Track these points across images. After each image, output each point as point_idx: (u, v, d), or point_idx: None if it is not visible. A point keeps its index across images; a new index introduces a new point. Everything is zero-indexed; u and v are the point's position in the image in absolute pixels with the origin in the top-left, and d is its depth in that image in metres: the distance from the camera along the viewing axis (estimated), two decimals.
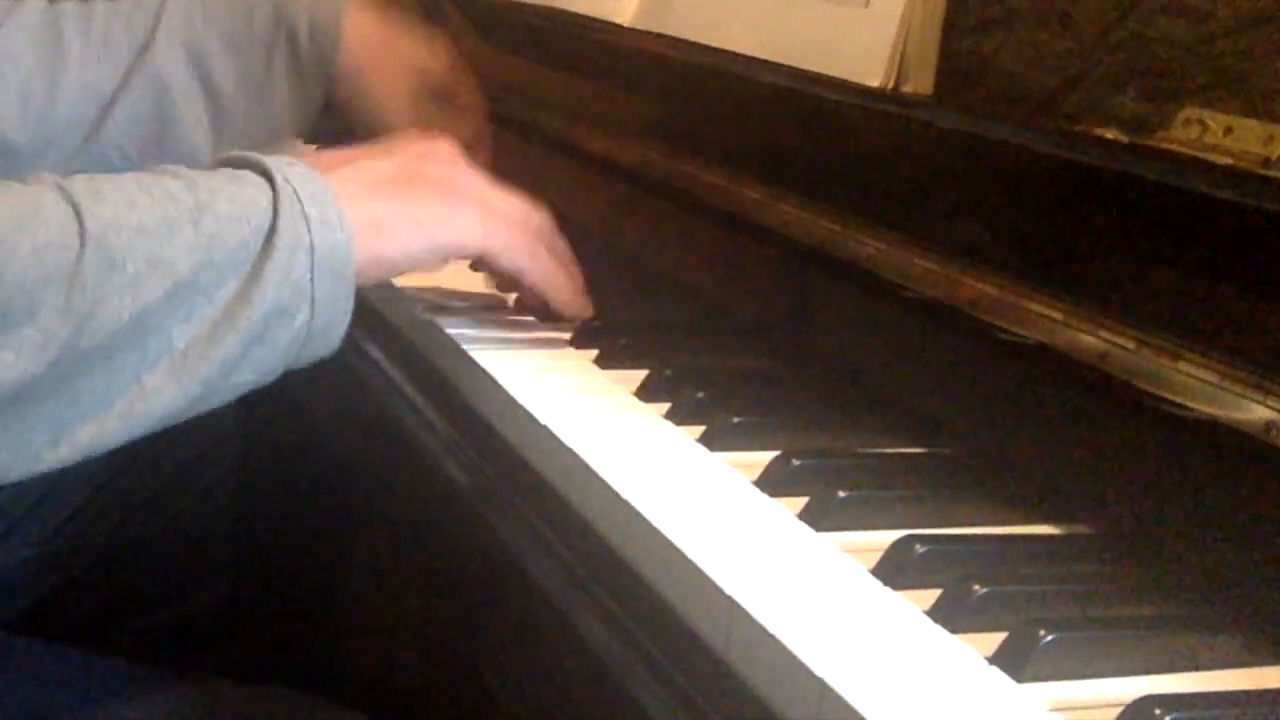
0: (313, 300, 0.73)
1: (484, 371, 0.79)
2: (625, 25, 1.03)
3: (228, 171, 0.75)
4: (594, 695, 0.62)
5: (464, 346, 0.83)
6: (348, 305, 0.74)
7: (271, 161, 0.75)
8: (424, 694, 1.18)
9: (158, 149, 1.09)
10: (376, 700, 1.11)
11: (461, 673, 1.07)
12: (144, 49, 1.07)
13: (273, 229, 0.71)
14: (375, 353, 0.92)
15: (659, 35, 0.99)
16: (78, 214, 0.68)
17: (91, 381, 0.69)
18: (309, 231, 0.72)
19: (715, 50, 0.92)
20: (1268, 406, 0.58)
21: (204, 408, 0.73)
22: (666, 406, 0.76)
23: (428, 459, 0.81)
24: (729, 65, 0.91)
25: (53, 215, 0.68)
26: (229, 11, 1.09)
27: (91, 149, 1.08)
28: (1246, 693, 0.54)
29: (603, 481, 0.66)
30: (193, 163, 1.11)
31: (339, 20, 1.08)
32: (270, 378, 0.74)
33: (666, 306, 0.95)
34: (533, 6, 1.17)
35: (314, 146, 1.41)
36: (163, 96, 1.07)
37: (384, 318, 0.96)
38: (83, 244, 0.67)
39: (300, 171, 0.75)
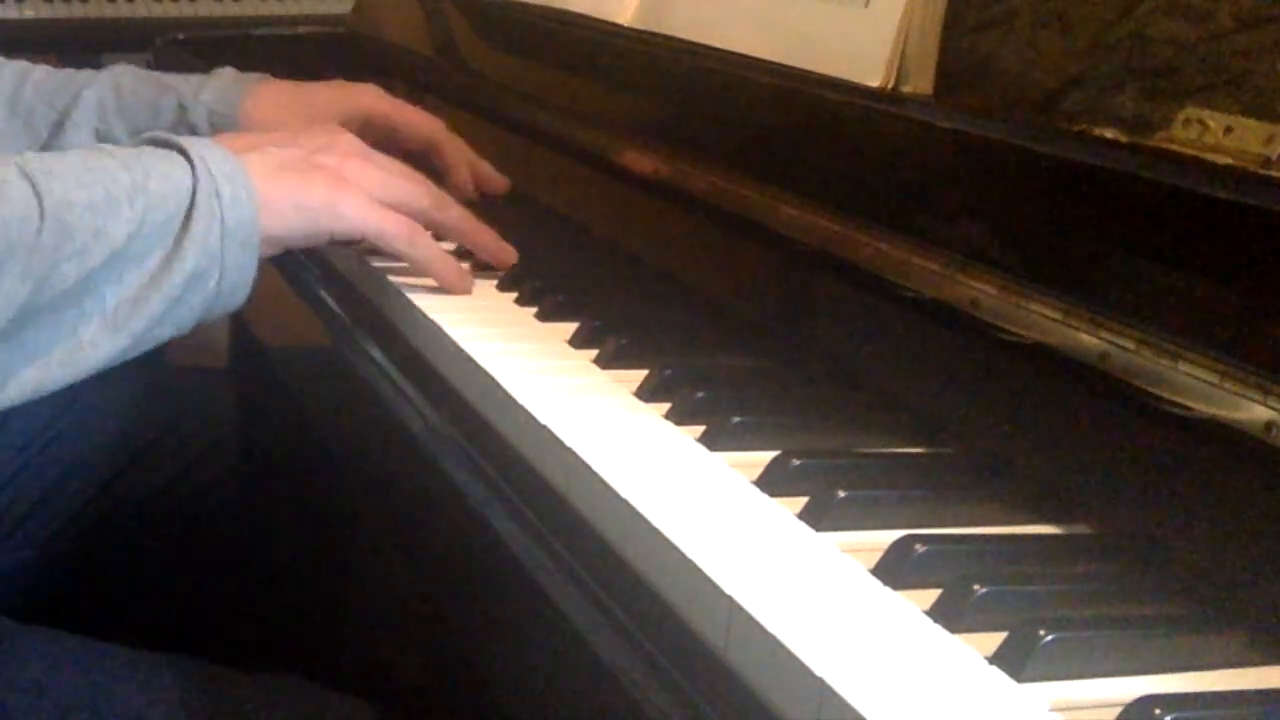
0: (222, 266, 0.84)
1: (484, 371, 0.79)
2: (625, 25, 1.03)
3: (157, 151, 0.86)
4: (593, 695, 0.62)
5: (464, 347, 0.83)
6: (252, 270, 0.86)
7: (191, 144, 0.86)
8: (424, 693, 1.18)
9: None
10: (377, 700, 1.11)
11: (461, 672, 1.07)
12: (58, 127, 1.14)
13: (191, 205, 0.83)
14: (375, 353, 0.92)
15: (659, 35, 0.99)
16: (36, 192, 0.78)
17: (37, 334, 0.79)
18: (220, 208, 0.84)
19: (715, 50, 0.92)
20: (1268, 406, 0.58)
21: (131, 356, 0.84)
22: (666, 406, 0.76)
23: (427, 459, 0.81)
24: (729, 65, 0.91)
25: (15, 193, 0.78)
26: (139, 104, 1.15)
27: None
28: (1246, 693, 0.54)
29: (603, 481, 0.66)
30: None
31: (237, 109, 1.14)
32: (184, 331, 0.85)
33: (666, 306, 0.95)
34: (533, 6, 1.17)
35: None
36: None
37: (384, 317, 0.96)
38: (42, 218, 0.78)
39: (215, 153, 0.86)
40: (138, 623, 1.20)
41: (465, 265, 0.98)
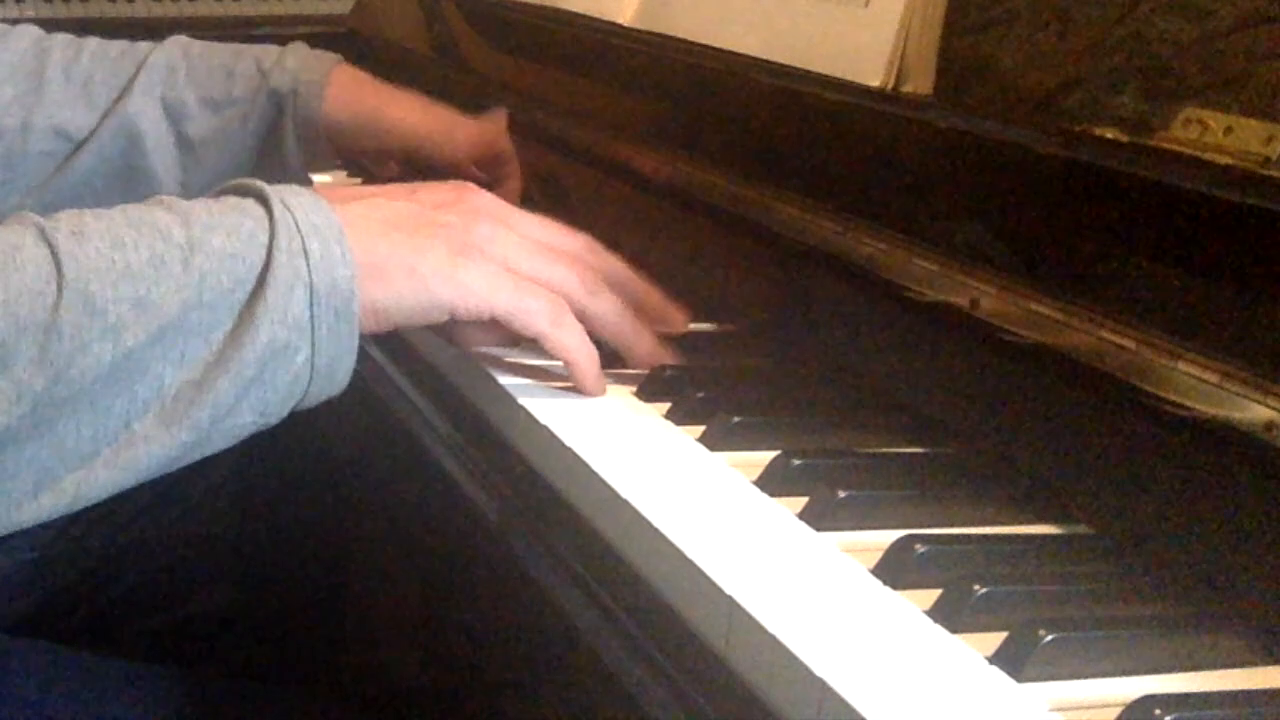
0: (314, 338, 0.69)
1: (484, 372, 0.79)
2: (625, 25, 1.03)
3: (228, 201, 0.71)
4: (594, 695, 0.62)
5: None
6: (352, 343, 0.70)
7: (274, 191, 0.71)
8: (424, 694, 1.18)
9: (125, 186, 1.12)
10: (377, 700, 1.11)
11: (461, 672, 1.07)
12: (121, 97, 1.09)
13: (268, 265, 0.68)
14: (375, 353, 0.92)
15: (659, 35, 0.99)
16: (56, 259, 0.65)
17: (76, 428, 0.66)
18: (308, 267, 0.68)
19: (715, 50, 0.92)
20: (1268, 406, 0.58)
21: (201, 454, 0.70)
22: (666, 406, 0.76)
23: (428, 460, 0.81)
24: (729, 65, 0.91)
25: (29, 261, 0.65)
26: (212, 69, 1.11)
27: (60, 181, 1.10)
28: (1246, 693, 0.54)
29: (603, 481, 0.66)
30: None
31: (324, 86, 1.09)
32: (274, 419, 0.71)
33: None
34: (533, 6, 1.17)
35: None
36: (134, 144, 1.10)
37: None
38: (60, 291, 0.65)
39: (306, 202, 0.71)
40: (136, 629, 1.20)
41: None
